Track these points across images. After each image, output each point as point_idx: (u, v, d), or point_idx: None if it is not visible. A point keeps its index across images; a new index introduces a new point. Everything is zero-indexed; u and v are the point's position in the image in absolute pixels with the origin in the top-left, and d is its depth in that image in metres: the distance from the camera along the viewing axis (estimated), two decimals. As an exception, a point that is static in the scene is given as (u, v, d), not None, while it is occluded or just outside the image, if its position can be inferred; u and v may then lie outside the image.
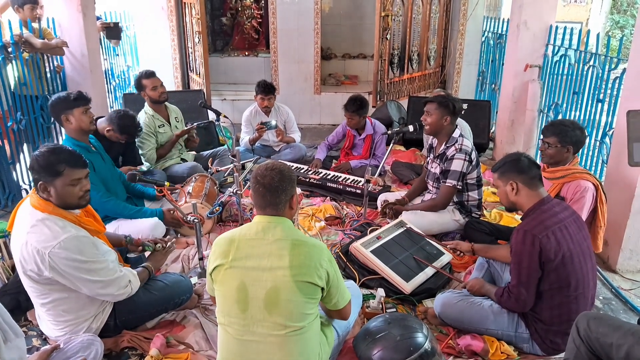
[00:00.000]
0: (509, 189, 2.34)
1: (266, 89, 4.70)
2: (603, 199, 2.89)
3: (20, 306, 2.59)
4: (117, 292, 2.26)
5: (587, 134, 3.02)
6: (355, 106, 4.45)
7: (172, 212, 3.33)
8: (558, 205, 2.31)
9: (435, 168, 3.49)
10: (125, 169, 3.75)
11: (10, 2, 4.35)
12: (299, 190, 3.40)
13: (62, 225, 2.12)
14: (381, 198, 3.82)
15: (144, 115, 4.17)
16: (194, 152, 4.59)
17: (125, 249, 2.76)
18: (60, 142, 4.71)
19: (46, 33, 4.41)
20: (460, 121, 4.36)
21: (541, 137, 3.04)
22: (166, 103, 4.32)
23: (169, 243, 2.73)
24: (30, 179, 4.30)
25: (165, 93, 4.22)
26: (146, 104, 4.24)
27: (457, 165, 3.30)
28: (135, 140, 4.15)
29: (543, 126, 3.07)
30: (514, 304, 2.30)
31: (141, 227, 3.24)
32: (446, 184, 3.35)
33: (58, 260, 2.06)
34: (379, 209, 3.76)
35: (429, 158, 3.62)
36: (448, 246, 2.94)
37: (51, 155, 2.13)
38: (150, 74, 4.17)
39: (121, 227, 3.21)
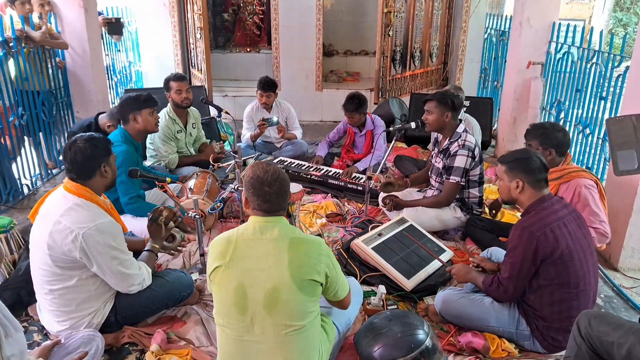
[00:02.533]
0: (513, 186, 2.33)
1: (265, 86, 4.69)
2: (603, 194, 2.88)
3: (22, 301, 2.60)
4: (130, 287, 2.33)
5: (569, 136, 2.98)
6: (354, 105, 4.42)
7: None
8: (558, 203, 2.31)
9: (438, 163, 3.48)
10: None
11: (6, 1, 4.35)
12: (300, 187, 3.39)
13: (98, 212, 2.25)
14: (382, 195, 3.82)
15: (164, 118, 4.11)
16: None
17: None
18: (64, 138, 4.72)
19: (49, 29, 4.39)
20: (471, 120, 4.35)
21: (524, 141, 3.01)
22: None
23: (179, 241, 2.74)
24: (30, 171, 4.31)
25: (188, 99, 4.16)
26: (169, 105, 4.19)
27: (460, 161, 3.29)
28: (149, 141, 4.16)
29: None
30: (502, 295, 2.35)
31: (144, 226, 3.25)
32: (450, 181, 3.34)
33: (91, 242, 2.14)
34: (380, 204, 3.74)
35: (433, 152, 3.62)
36: (472, 260, 2.74)
37: (101, 139, 2.35)
38: (179, 77, 4.15)
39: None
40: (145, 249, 2.59)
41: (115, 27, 5.67)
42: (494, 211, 3.40)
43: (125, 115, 3.29)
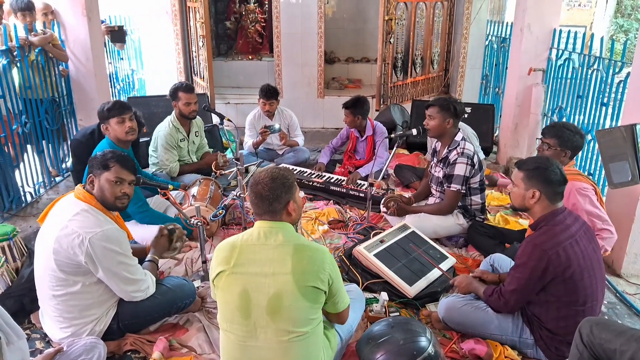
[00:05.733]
0: (528, 195, 2.25)
1: (268, 94, 4.71)
2: (601, 198, 2.86)
3: (24, 308, 2.60)
4: (135, 293, 2.34)
5: (586, 139, 2.97)
6: (348, 103, 4.47)
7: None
8: (570, 217, 2.25)
9: (438, 172, 3.48)
10: None
11: (10, 10, 4.38)
12: (302, 194, 3.38)
13: (105, 219, 2.29)
14: (385, 199, 3.81)
15: (168, 126, 4.13)
16: None
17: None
18: (67, 146, 4.74)
19: (53, 38, 4.43)
20: (464, 126, 4.35)
21: (540, 136, 2.99)
22: None
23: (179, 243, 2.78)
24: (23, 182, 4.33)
25: (195, 111, 4.17)
26: (173, 114, 4.19)
27: (460, 169, 3.30)
28: (151, 149, 4.17)
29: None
30: (502, 307, 2.33)
31: (147, 233, 3.25)
32: (451, 189, 3.34)
33: (97, 247, 2.16)
34: (382, 208, 3.72)
35: (432, 162, 3.62)
36: (473, 274, 2.73)
37: (109, 153, 2.40)
38: (189, 89, 4.12)
39: None
40: (147, 259, 2.60)
41: (118, 35, 5.70)
42: None
43: (100, 125, 3.30)
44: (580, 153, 4.22)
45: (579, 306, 2.19)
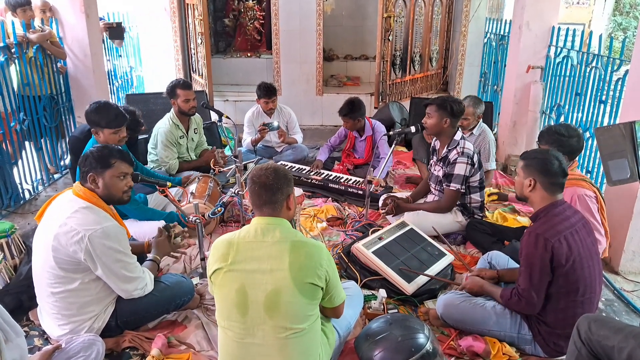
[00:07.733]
0: (526, 183, 2.32)
1: (269, 92, 4.70)
2: (602, 206, 2.87)
3: (23, 306, 2.60)
4: (133, 291, 2.34)
5: (584, 141, 2.94)
6: (345, 110, 4.46)
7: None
8: (569, 209, 2.29)
9: (438, 171, 3.49)
10: None
11: (7, 7, 4.37)
12: (300, 191, 3.39)
13: (104, 216, 2.29)
14: (383, 199, 3.82)
15: (168, 123, 4.12)
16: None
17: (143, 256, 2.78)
18: (65, 143, 4.74)
19: (51, 35, 4.42)
20: (487, 130, 4.29)
21: (537, 140, 2.99)
22: None
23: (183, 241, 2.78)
24: (36, 175, 4.33)
25: (195, 108, 4.16)
26: (172, 111, 4.18)
27: (460, 169, 3.30)
28: (151, 146, 4.15)
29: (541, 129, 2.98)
30: (525, 307, 2.28)
31: (147, 230, 3.25)
32: (450, 188, 3.35)
33: (96, 244, 2.16)
34: (380, 207, 3.73)
35: (432, 161, 3.63)
36: (472, 273, 2.74)
37: (105, 150, 2.38)
38: (187, 85, 4.10)
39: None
40: (148, 258, 2.60)
41: (116, 32, 5.69)
42: None
43: (92, 127, 3.12)
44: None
45: (577, 297, 2.20)
